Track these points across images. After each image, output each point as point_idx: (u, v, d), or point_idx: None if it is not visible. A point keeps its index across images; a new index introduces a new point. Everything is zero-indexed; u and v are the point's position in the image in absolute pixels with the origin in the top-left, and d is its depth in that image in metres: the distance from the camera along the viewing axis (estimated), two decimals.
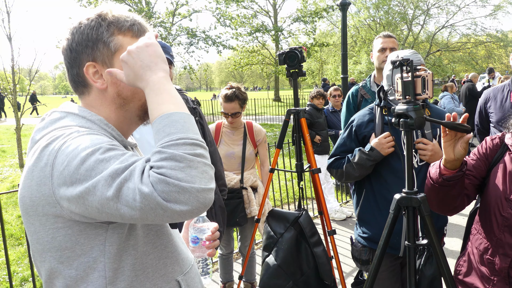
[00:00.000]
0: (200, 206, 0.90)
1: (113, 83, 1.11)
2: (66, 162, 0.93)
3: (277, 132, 14.62)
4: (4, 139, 15.07)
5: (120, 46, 1.10)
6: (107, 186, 0.89)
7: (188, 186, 0.88)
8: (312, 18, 26.13)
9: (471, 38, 36.66)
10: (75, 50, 1.10)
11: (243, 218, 3.26)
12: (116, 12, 1.12)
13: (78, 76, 1.12)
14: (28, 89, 10.04)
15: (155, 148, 0.94)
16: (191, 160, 0.90)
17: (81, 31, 1.09)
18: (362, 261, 2.37)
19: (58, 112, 1.12)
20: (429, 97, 1.80)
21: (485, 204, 1.82)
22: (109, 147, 0.95)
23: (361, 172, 2.29)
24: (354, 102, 3.30)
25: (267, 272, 2.65)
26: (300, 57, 2.75)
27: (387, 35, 3.11)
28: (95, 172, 0.90)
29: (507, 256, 1.71)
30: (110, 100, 1.13)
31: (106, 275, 1.05)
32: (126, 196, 0.88)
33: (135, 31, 1.13)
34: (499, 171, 1.79)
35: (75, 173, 0.92)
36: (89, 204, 0.92)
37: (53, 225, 1.01)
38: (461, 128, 1.77)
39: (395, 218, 1.83)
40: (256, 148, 3.40)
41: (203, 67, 22.48)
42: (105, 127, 1.11)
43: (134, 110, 1.15)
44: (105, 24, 1.09)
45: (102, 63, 1.10)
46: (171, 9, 20.90)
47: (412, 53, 2.19)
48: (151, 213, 0.89)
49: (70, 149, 0.94)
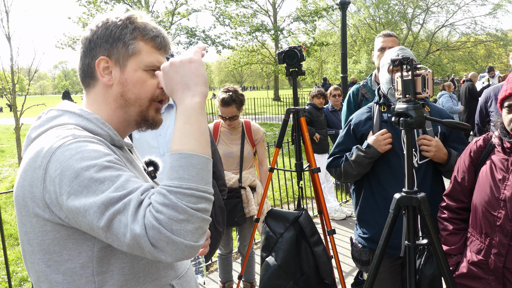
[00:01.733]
0: (183, 259, 0.91)
1: (121, 82, 1.12)
2: (59, 171, 0.92)
3: (276, 131, 14.61)
4: (4, 138, 15.06)
5: (138, 52, 1.11)
6: (99, 214, 0.89)
7: (178, 240, 0.88)
8: (312, 17, 26.11)
9: (471, 37, 36.65)
10: (94, 41, 1.12)
11: (242, 218, 3.26)
12: (145, 20, 1.15)
13: (89, 66, 1.13)
14: (27, 89, 10.01)
15: (163, 184, 0.93)
16: (191, 215, 0.89)
17: (106, 26, 1.11)
18: (362, 261, 2.36)
19: (55, 110, 1.12)
20: (429, 96, 1.79)
21: (475, 204, 1.82)
22: (105, 165, 0.94)
23: (358, 170, 2.28)
24: (355, 101, 3.28)
25: (268, 272, 2.64)
26: (299, 56, 2.73)
27: (387, 34, 3.08)
28: (87, 190, 0.90)
29: (501, 256, 1.71)
30: (112, 98, 1.13)
31: (95, 279, 1.02)
32: (116, 229, 0.89)
33: (157, 43, 1.14)
34: (487, 171, 1.79)
35: (67, 185, 0.91)
36: (77, 221, 0.93)
37: (42, 228, 1.00)
38: (461, 127, 1.76)
39: (395, 218, 1.82)
40: (254, 148, 3.40)
41: None
42: (102, 126, 1.10)
43: (133, 114, 1.15)
44: (131, 27, 1.11)
45: (115, 61, 1.11)
46: (171, 8, 20.90)
47: (399, 49, 2.18)
48: (137, 250, 0.90)
49: (65, 157, 0.93)
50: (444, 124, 1.82)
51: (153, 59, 1.13)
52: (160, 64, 1.14)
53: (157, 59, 1.14)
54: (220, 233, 2.50)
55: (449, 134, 2.30)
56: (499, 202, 1.71)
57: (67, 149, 0.94)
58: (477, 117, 3.75)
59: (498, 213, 1.71)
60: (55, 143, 0.97)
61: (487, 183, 1.77)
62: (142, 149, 2.23)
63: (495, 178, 1.75)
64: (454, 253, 1.92)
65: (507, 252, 1.69)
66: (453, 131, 2.28)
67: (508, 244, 1.68)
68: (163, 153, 2.27)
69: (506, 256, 1.70)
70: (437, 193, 2.27)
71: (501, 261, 1.71)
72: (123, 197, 0.90)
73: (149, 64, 1.13)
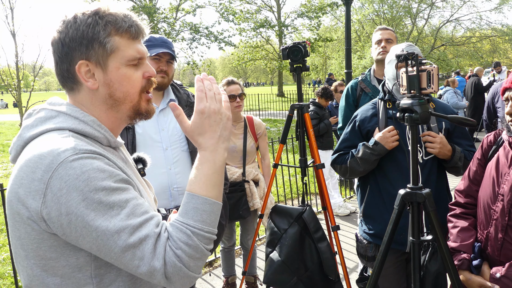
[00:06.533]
0: (184, 286, 0.99)
1: (106, 84, 1.07)
2: (65, 191, 0.91)
3: (280, 127, 14.59)
4: (9, 134, 15.13)
5: (116, 48, 1.06)
6: (112, 243, 0.93)
7: (192, 275, 0.98)
8: (316, 13, 25.99)
9: (476, 32, 36.37)
10: (67, 45, 1.05)
11: (246, 211, 3.29)
12: (113, 10, 1.07)
13: (68, 72, 1.07)
14: (32, 85, 10.06)
15: (184, 222, 0.99)
16: (205, 255, 1.01)
17: (76, 27, 1.04)
18: (368, 257, 2.36)
19: (47, 110, 1.08)
20: (434, 92, 1.78)
21: (479, 199, 1.84)
22: (113, 187, 0.95)
23: (365, 167, 2.28)
24: (354, 96, 3.28)
25: (271, 267, 2.65)
26: (303, 51, 2.72)
27: (383, 28, 3.16)
28: (96, 214, 0.92)
29: (496, 249, 1.72)
30: (101, 100, 1.09)
31: (93, 281, 1.02)
32: (129, 261, 0.94)
33: (133, 33, 1.08)
34: (492, 166, 1.80)
35: (74, 207, 0.91)
36: (81, 241, 0.94)
37: (38, 235, 0.97)
38: (467, 123, 1.76)
39: (399, 214, 1.82)
40: (256, 142, 3.42)
41: (206, 63, 22.45)
42: (98, 129, 1.08)
43: (126, 111, 1.12)
44: (102, 23, 1.04)
45: (95, 63, 1.05)
46: (175, 4, 20.87)
47: (407, 45, 2.18)
48: (145, 277, 0.96)
49: (69, 176, 0.92)
50: (449, 120, 1.81)
51: (133, 51, 1.08)
52: (140, 55, 1.10)
53: (136, 50, 1.09)
54: (223, 226, 2.51)
55: (453, 130, 2.29)
56: (497, 196, 1.71)
57: (70, 167, 0.93)
58: (485, 114, 3.73)
59: (495, 207, 1.72)
60: (56, 158, 0.94)
61: (491, 177, 1.78)
62: (145, 144, 2.23)
63: (498, 173, 1.75)
64: (463, 250, 1.85)
65: (502, 246, 1.70)
66: (457, 126, 2.27)
67: (503, 238, 1.69)
68: (166, 148, 2.28)
69: (501, 250, 1.70)
70: (441, 189, 2.27)
71: (497, 255, 1.72)
72: (137, 227, 0.94)
73: (130, 58, 1.08)
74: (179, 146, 2.32)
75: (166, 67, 2.29)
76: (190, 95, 2.50)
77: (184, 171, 2.31)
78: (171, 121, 2.34)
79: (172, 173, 2.28)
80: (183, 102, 2.43)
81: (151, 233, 0.95)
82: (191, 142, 1.09)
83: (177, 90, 2.47)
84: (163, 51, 2.22)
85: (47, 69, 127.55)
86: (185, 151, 2.33)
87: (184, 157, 2.33)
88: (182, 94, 2.46)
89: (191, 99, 2.47)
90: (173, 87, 2.46)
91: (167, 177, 2.26)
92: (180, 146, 2.32)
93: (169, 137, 2.31)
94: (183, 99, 2.44)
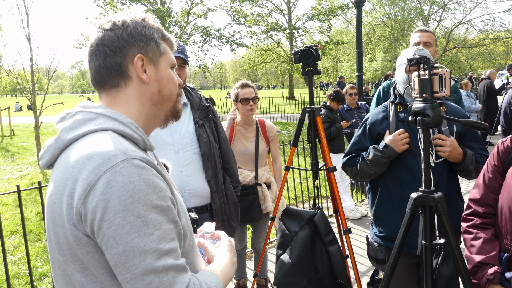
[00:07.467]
0: None
1: (157, 80, 1.14)
2: (108, 195, 0.91)
3: (291, 130, 14.58)
4: (24, 136, 15.38)
5: (165, 51, 1.17)
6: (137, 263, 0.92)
7: None
8: (327, 16, 25.97)
9: (489, 34, 35.94)
10: (125, 40, 1.09)
11: (259, 214, 3.31)
12: (153, 21, 1.18)
13: (120, 65, 1.09)
14: (46, 88, 10.22)
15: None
16: None
17: (134, 26, 1.11)
18: (379, 260, 2.36)
19: (85, 112, 1.08)
20: (446, 95, 1.78)
21: (501, 206, 1.76)
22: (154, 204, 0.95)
23: (375, 169, 2.28)
24: (385, 98, 3.23)
25: (282, 270, 2.66)
26: (315, 55, 2.74)
27: (422, 30, 3.00)
28: (130, 227, 0.92)
29: None
30: (148, 95, 1.13)
31: None
32: (144, 286, 0.93)
33: (172, 44, 1.21)
34: None
35: (111, 214, 0.91)
36: (105, 249, 0.94)
37: (76, 241, 0.97)
38: (479, 126, 1.74)
39: (411, 217, 1.81)
40: (268, 145, 3.44)
41: (217, 66, 22.55)
42: (137, 131, 1.08)
43: (166, 109, 1.19)
44: (155, 28, 1.16)
45: (149, 60, 1.13)
46: (186, 8, 21.02)
47: (417, 48, 2.17)
48: None
49: (116, 183, 0.92)
50: (462, 123, 1.81)
51: (173, 58, 1.21)
52: (175, 63, 1.23)
53: (173, 57, 1.21)
54: (234, 228, 2.53)
55: (465, 133, 2.27)
56: None
57: (119, 174, 0.93)
58: (502, 119, 3.67)
59: None
60: (106, 162, 0.94)
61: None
62: (157, 146, 2.26)
63: None
64: (491, 263, 1.71)
65: None
66: (468, 130, 2.26)
67: None
68: (178, 150, 2.31)
69: None
70: (452, 192, 2.26)
71: None
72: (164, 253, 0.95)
73: (173, 62, 1.19)
74: (190, 149, 2.35)
75: (179, 71, 2.32)
76: (202, 98, 2.53)
77: (196, 173, 2.34)
78: (183, 123, 2.37)
79: (183, 176, 2.31)
80: (195, 105, 2.46)
81: (173, 265, 0.95)
82: (202, 144, 1.12)
83: (190, 93, 2.50)
84: (176, 55, 2.25)
85: (60, 72, 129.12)
86: (197, 153, 2.36)
87: (196, 160, 2.36)
88: (195, 97, 2.49)
89: (203, 102, 2.50)
90: (186, 90, 2.49)
91: (179, 179, 2.29)
92: (191, 148, 2.35)
93: (181, 139, 2.34)
94: (195, 102, 2.47)
